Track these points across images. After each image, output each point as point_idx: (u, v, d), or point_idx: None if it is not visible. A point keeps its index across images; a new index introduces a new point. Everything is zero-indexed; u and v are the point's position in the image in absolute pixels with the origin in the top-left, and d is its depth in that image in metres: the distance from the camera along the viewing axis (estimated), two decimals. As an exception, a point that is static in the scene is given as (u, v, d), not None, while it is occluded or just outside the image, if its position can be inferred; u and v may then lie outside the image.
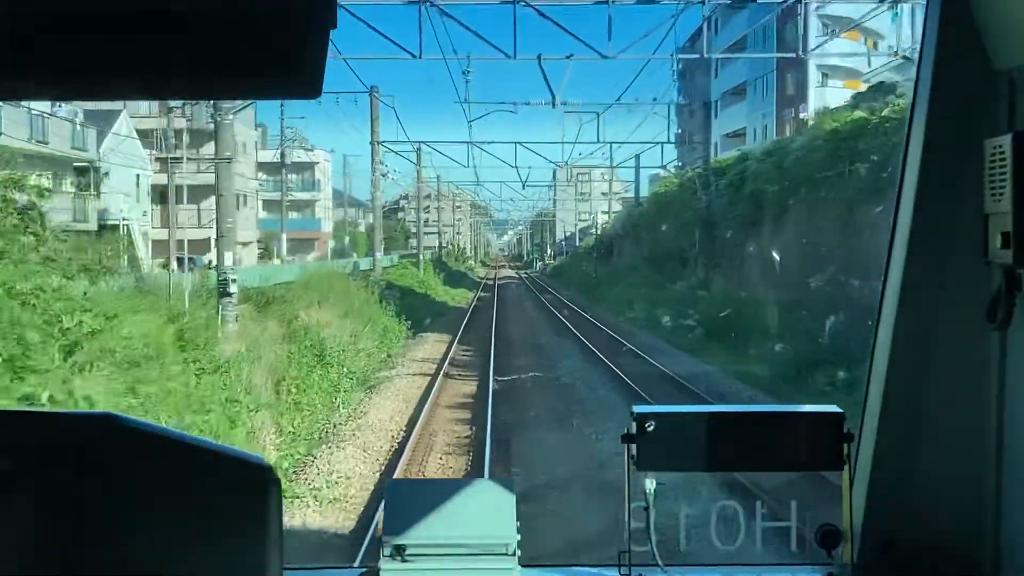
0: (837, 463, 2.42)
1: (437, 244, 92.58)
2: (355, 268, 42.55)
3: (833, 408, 2.46)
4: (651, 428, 2.39)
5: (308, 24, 1.07)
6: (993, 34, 2.25)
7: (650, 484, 2.38)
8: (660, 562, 2.38)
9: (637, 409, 2.43)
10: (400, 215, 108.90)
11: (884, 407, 2.46)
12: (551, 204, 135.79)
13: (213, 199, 24.92)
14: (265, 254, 62.88)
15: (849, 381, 17.99)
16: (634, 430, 2.40)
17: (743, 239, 34.47)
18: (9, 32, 1.06)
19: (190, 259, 48.27)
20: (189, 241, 51.72)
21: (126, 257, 40.68)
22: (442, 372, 24.35)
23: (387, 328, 30.96)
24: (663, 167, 54.15)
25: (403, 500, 2.48)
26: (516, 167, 42.92)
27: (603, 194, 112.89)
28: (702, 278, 39.38)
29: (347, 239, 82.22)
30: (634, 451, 2.40)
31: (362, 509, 12.90)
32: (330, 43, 1.13)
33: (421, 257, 61.72)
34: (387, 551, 2.39)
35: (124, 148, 45.85)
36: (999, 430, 2.36)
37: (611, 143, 49.98)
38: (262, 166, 63.35)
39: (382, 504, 2.63)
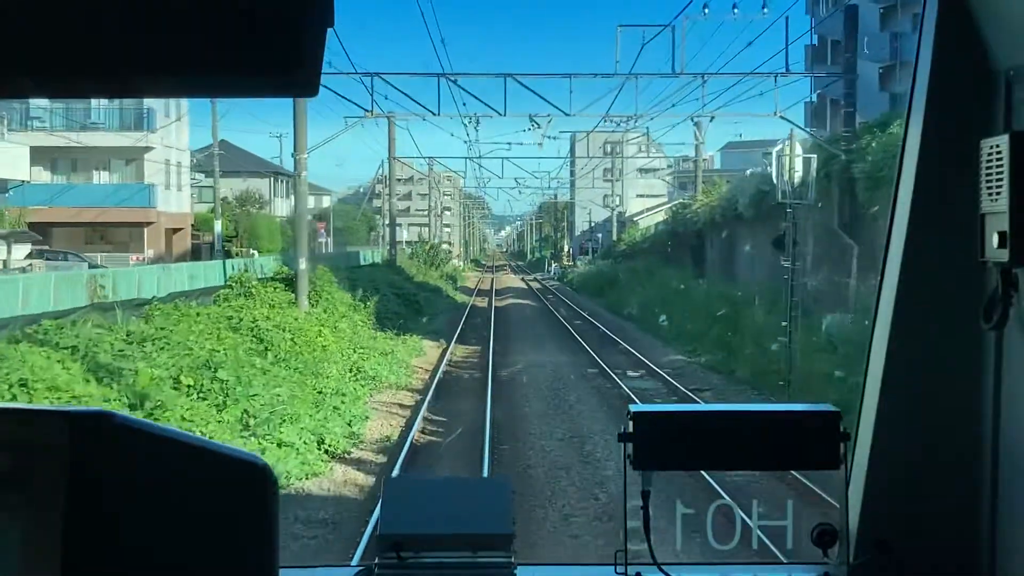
0: (833, 462, 2.41)
1: (389, 238, 57.33)
2: None
3: (829, 407, 2.47)
4: (648, 427, 2.39)
5: (306, 23, 1.08)
6: (990, 34, 2.26)
7: (647, 483, 2.39)
8: (656, 561, 2.38)
9: (634, 408, 2.43)
10: (376, 202, 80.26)
11: (880, 406, 2.47)
12: (565, 188, 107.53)
13: None
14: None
15: None
16: (631, 429, 2.39)
17: None
18: (9, 30, 1.06)
19: None
20: None
21: None
22: None
23: None
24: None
25: (401, 497, 2.49)
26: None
27: (639, 171, 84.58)
28: None
29: (217, 225, 46.22)
30: (630, 450, 2.39)
31: None
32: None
33: (301, 266, 27.98)
34: (384, 549, 2.39)
35: None
36: (995, 430, 2.38)
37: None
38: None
39: (380, 501, 2.58)
